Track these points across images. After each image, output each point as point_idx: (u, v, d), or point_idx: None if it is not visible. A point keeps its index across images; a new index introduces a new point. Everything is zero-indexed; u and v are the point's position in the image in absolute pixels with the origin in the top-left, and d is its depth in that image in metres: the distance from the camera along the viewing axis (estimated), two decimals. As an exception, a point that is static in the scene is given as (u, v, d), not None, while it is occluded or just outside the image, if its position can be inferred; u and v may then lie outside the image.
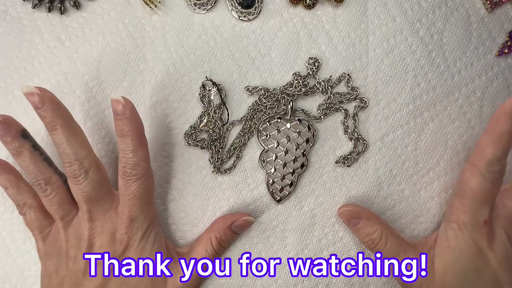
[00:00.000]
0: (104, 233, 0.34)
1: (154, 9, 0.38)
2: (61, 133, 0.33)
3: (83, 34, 0.39)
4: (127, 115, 0.32)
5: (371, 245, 0.36)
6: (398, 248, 0.35)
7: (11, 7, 0.39)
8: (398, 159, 0.39)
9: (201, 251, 0.36)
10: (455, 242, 0.34)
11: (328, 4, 0.39)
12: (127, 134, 0.33)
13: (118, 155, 0.38)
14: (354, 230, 0.37)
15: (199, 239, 0.37)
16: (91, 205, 0.34)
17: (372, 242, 0.36)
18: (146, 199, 0.34)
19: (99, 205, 0.34)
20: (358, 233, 0.37)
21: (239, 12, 0.38)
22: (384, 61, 0.39)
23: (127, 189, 0.34)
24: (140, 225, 0.34)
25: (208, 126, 0.38)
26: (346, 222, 0.37)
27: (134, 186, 0.33)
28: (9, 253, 0.38)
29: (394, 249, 0.35)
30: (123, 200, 0.34)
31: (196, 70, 0.38)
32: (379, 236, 0.35)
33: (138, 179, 0.33)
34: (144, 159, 0.34)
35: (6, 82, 0.39)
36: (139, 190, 0.34)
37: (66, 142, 0.33)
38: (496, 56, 0.39)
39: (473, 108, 0.39)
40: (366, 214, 0.37)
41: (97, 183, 0.34)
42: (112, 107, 0.32)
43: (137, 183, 0.33)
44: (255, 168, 0.39)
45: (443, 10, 0.39)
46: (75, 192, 0.34)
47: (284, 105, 0.38)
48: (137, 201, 0.34)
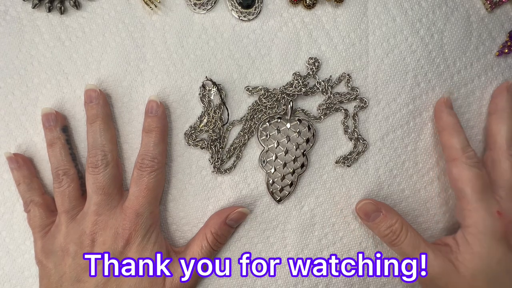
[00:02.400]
0: (107, 229, 0.35)
1: (154, 9, 0.38)
2: (98, 125, 0.36)
3: (83, 34, 0.39)
4: (158, 114, 0.36)
5: (392, 237, 0.35)
6: (417, 239, 0.34)
7: (11, 7, 0.39)
8: (398, 159, 0.39)
9: (196, 248, 0.36)
10: (479, 247, 0.33)
11: (328, 4, 0.39)
12: (153, 129, 0.36)
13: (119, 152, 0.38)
14: (373, 225, 0.36)
15: (195, 237, 0.37)
16: (101, 197, 0.35)
17: (393, 234, 0.35)
18: (155, 194, 0.36)
19: (108, 200, 0.35)
20: (378, 227, 0.36)
21: (239, 12, 0.38)
22: (384, 61, 0.39)
23: (140, 179, 0.35)
24: (144, 222, 0.35)
25: (208, 126, 0.38)
26: (365, 217, 0.37)
27: (148, 178, 0.35)
28: (9, 253, 0.38)
29: (414, 241, 0.34)
30: (133, 191, 0.35)
31: (196, 70, 0.38)
32: (400, 227, 0.35)
33: (153, 171, 0.35)
34: (162, 154, 0.36)
35: (6, 82, 0.39)
36: (152, 182, 0.35)
37: (99, 133, 0.36)
38: (496, 56, 0.39)
39: (472, 108, 0.39)
40: (385, 206, 0.36)
41: (112, 177, 0.36)
42: (148, 105, 0.37)
43: (152, 175, 0.35)
44: (255, 168, 0.39)
45: (443, 10, 0.39)
46: (90, 182, 0.35)
47: (284, 105, 0.38)
48: (147, 193, 0.35)
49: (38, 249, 0.36)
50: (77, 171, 0.37)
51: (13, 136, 0.39)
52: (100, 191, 0.35)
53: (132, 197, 0.35)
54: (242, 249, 0.38)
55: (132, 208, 0.35)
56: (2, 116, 0.39)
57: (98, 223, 0.35)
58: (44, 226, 0.36)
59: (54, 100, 0.39)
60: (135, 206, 0.35)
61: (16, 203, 0.39)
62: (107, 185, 0.35)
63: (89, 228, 0.35)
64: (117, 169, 0.36)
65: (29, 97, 0.39)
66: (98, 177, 0.35)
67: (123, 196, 0.36)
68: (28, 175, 0.37)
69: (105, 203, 0.35)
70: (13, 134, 0.39)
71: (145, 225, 0.35)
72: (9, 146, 0.39)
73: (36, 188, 0.37)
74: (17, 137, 0.39)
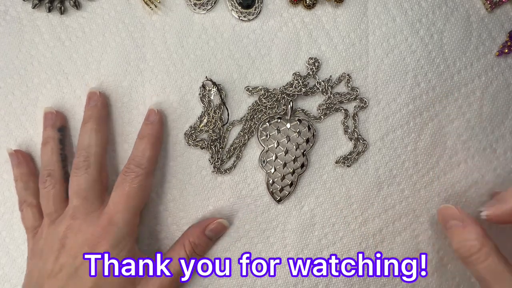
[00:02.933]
0: (79, 233, 0.33)
1: (154, 9, 0.38)
2: (89, 126, 0.35)
3: (83, 34, 0.39)
4: (154, 122, 0.36)
5: (464, 254, 0.31)
6: (501, 266, 0.29)
7: (11, 7, 0.39)
8: (398, 159, 0.39)
9: (174, 256, 0.35)
10: None
11: (328, 4, 0.39)
12: (145, 136, 0.36)
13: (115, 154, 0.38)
14: (448, 233, 0.33)
15: (174, 244, 0.37)
16: (79, 201, 0.34)
17: (467, 250, 0.31)
18: (135, 203, 0.34)
19: (86, 204, 0.34)
20: (452, 237, 0.33)
21: (239, 12, 0.38)
22: (384, 61, 0.39)
23: (121, 184, 0.34)
24: (117, 231, 0.33)
25: (208, 126, 0.38)
26: (442, 222, 0.35)
27: (131, 184, 0.34)
28: (9, 253, 0.38)
29: (497, 267, 0.29)
30: (112, 197, 0.34)
31: (196, 70, 0.38)
32: (479, 246, 0.30)
33: (136, 177, 0.34)
34: (150, 161, 0.35)
35: (6, 82, 0.39)
36: (133, 189, 0.34)
37: (88, 134, 0.35)
38: (496, 56, 0.39)
39: (472, 108, 0.39)
40: (470, 219, 0.32)
41: (93, 181, 0.34)
42: (147, 113, 0.37)
43: (134, 181, 0.34)
44: (255, 168, 0.39)
45: (443, 10, 0.39)
46: (72, 185, 0.34)
47: (284, 105, 0.38)
48: (126, 199, 0.33)
49: (29, 249, 0.36)
50: (64, 172, 0.36)
51: (13, 136, 0.39)
52: (78, 194, 0.34)
53: (110, 203, 0.34)
54: (242, 249, 0.38)
55: (107, 214, 0.33)
56: (2, 116, 0.39)
57: (71, 227, 0.33)
58: (35, 227, 0.36)
59: (54, 100, 0.39)
60: (110, 212, 0.33)
61: (16, 203, 0.39)
62: (86, 188, 0.34)
63: (61, 232, 0.33)
64: (99, 173, 0.35)
65: (29, 97, 0.39)
66: (79, 179, 0.34)
67: (105, 201, 0.35)
68: (26, 173, 0.37)
69: (83, 207, 0.34)
70: (13, 134, 0.39)
71: (118, 235, 0.33)
72: (9, 146, 0.39)
73: (32, 187, 0.36)
74: (17, 137, 0.39)
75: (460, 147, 0.39)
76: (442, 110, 0.39)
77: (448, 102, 0.39)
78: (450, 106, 0.39)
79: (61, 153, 0.36)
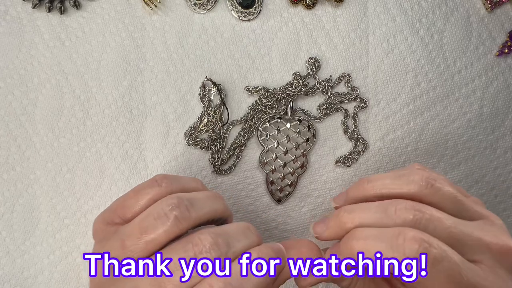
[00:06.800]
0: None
1: (154, 9, 0.38)
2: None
3: (83, 34, 0.39)
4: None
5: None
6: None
7: (11, 7, 0.39)
8: (398, 159, 0.39)
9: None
10: None
11: (328, 4, 0.39)
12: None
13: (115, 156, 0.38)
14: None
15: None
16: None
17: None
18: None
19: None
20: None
21: (239, 12, 0.38)
22: (384, 61, 0.39)
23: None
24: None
25: (208, 126, 0.38)
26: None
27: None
28: (9, 253, 0.38)
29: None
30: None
31: (196, 70, 0.38)
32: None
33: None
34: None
35: (6, 82, 0.39)
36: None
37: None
38: (496, 56, 0.39)
39: (473, 108, 0.39)
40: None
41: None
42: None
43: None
44: (255, 168, 0.38)
45: (443, 10, 0.39)
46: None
47: (284, 105, 0.38)
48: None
49: None
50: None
51: (13, 136, 0.39)
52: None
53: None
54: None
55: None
56: (2, 116, 0.39)
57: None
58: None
59: (54, 100, 0.39)
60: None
61: (16, 203, 0.38)
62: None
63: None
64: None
65: (29, 97, 0.39)
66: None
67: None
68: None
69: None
70: (13, 134, 0.39)
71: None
72: (8, 146, 0.39)
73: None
74: (17, 137, 0.39)
75: (461, 147, 0.39)
76: (443, 110, 0.39)
77: (449, 102, 0.39)
78: (451, 106, 0.39)
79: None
